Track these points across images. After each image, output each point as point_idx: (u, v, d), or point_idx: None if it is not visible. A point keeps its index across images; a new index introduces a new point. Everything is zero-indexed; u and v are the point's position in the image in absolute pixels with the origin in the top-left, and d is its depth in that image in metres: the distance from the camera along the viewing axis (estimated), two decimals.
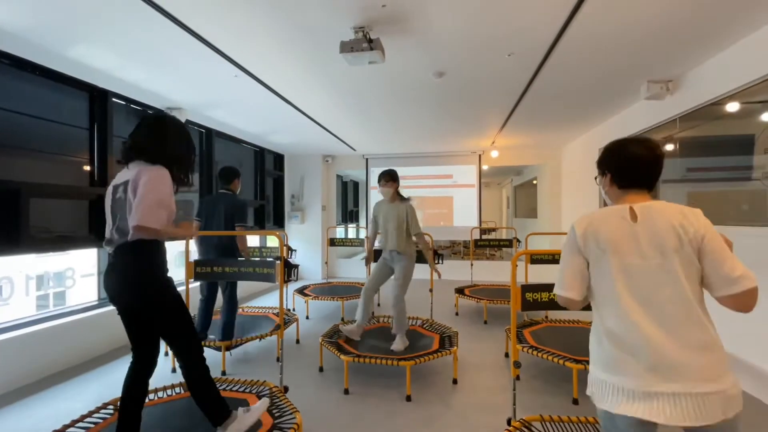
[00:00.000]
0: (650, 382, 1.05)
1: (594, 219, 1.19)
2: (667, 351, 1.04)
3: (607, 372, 1.12)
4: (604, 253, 1.14)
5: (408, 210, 3.19)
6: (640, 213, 1.14)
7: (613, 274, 1.12)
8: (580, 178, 6.11)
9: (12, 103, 3.00)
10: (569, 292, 1.19)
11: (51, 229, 3.29)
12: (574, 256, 1.20)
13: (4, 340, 2.77)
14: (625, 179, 1.21)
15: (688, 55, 3.04)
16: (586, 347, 2.82)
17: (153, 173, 1.59)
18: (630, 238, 1.12)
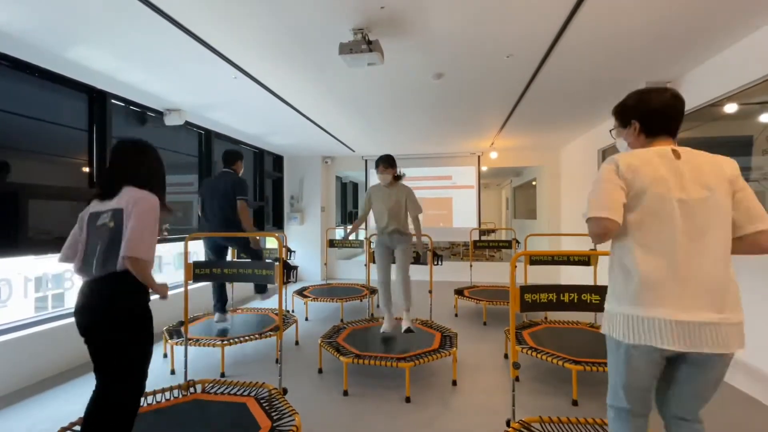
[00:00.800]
0: (681, 312, 1.08)
1: (635, 156, 1.19)
2: (703, 282, 1.09)
3: (634, 305, 1.14)
4: (650, 187, 1.14)
5: (408, 193, 3.32)
6: (682, 152, 1.17)
7: (660, 208, 1.13)
8: (580, 179, 6.12)
9: (11, 104, 2.99)
10: (612, 213, 1.14)
11: (50, 230, 3.29)
12: (615, 184, 1.17)
13: (3, 342, 2.76)
14: (656, 127, 1.23)
15: (687, 57, 3.04)
16: (586, 349, 2.83)
17: (145, 204, 1.55)
18: (675, 175, 1.14)
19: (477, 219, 7.38)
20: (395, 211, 3.28)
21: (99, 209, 1.61)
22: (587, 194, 1.25)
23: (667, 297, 1.10)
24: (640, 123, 1.25)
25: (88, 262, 1.56)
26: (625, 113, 1.30)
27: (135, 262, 1.48)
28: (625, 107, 1.31)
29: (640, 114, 1.25)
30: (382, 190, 3.37)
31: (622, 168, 1.17)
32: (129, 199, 1.55)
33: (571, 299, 1.96)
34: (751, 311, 1.15)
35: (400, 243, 3.30)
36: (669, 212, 1.12)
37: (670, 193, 1.13)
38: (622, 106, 1.32)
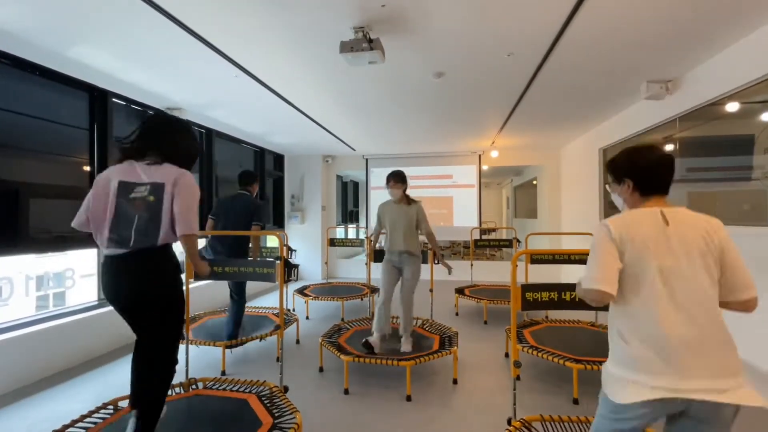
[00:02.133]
0: (678, 381, 1.09)
1: (628, 220, 1.21)
2: (697, 350, 1.10)
3: (632, 372, 1.14)
4: (641, 253, 1.16)
5: (419, 210, 3.20)
6: (670, 217, 1.19)
7: (652, 275, 1.15)
8: (580, 178, 6.11)
9: (12, 103, 3.00)
10: (607, 286, 1.16)
11: (50, 229, 3.29)
12: (610, 253, 1.19)
13: (4, 341, 2.77)
14: (649, 186, 1.26)
15: (688, 55, 3.04)
16: (587, 347, 2.83)
17: (189, 180, 1.61)
18: (663, 241, 1.16)
19: (478, 218, 7.37)
20: (407, 229, 3.16)
21: (131, 179, 1.59)
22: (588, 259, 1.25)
23: (661, 366, 1.11)
24: (633, 181, 1.28)
25: (121, 234, 1.53)
26: (618, 169, 1.33)
27: (189, 238, 1.56)
28: (618, 164, 1.34)
29: (632, 173, 1.29)
30: (392, 207, 3.25)
31: (614, 235, 1.20)
32: (169, 176, 1.57)
33: (572, 298, 1.96)
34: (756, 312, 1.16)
35: (409, 264, 3.15)
36: (656, 280, 1.14)
37: (659, 260, 1.15)
38: (615, 162, 1.35)
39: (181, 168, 1.66)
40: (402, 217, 3.17)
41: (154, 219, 1.54)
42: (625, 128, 4.55)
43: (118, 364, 3.25)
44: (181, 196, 1.57)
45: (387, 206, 3.31)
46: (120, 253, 1.55)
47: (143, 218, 1.54)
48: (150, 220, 1.54)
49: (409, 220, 3.16)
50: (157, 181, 1.57)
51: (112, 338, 3.57)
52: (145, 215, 1.54)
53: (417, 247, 3.18)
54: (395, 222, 3.19)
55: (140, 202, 1.55)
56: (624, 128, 4.59)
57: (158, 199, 1.55)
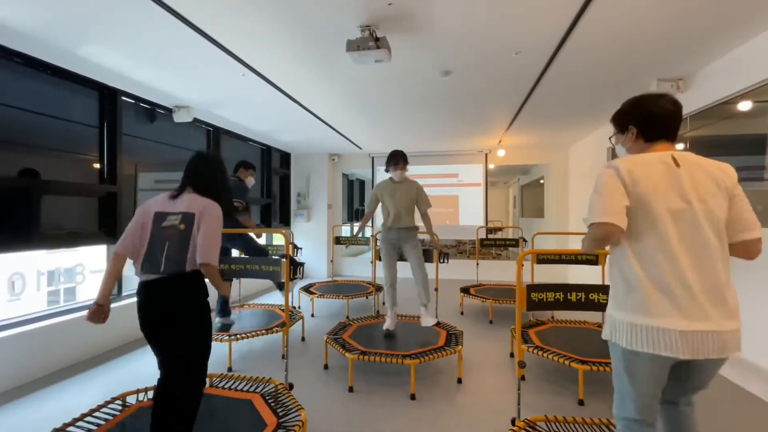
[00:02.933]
0: (686, 322, 1.10)
1: (636, 162, 1.18)
2: (704, 291, 1.11)
3: (639, 314, 1.14)
4: (651, 194, 1.14)
5: (418, 187, 3.34)
6: (681, 160, 1.17)
7: (659, 216, 1.13)
8: (589, 177, 6.05)
9: (25, 101, 3.04)
10: (616, 219, 1.12)
11: (61, 225, 3.34)
12: (617, 189, 1.16)
13: (17, 334, 2.82)
14: (654, 131, 1.23)
15: (699, 53, 2.99)
16: (593, 348, 2.81)
17: (215, 213, 1.68)
18: (674, 182, 1.14)
19: (484, 217, 7.34)
20: (407, 207, 3.28)
21: (165, 210, 1.69)
22: (588, 199, 1.24)
23: (669, 306, 1.11)
24: (637, 128, 1.25)
25: (153, 260, 1.61)
26: (622, 119, 1.31)
27: (209, 267, 1.60)
28: (621, 113, 1.32)
29: (636, 119, 1.26)
30: (391, 186, 3.36)
31: (623, 173, 1.16)
32: (199, 206, 1.67)
33: (578, 298, 1.95)
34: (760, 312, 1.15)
35: (408, 240, 3.30)
36: (666, 221, 1.12)
37: (668, 202, 1.13)
38: (619, 112, 1.34)
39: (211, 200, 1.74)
40: (404, 195, 3.27)
41: (184, 246, 1.61)
42: None
43: (126, 360, 3.30)
44: (204, 225, 1.63)
45: (386, 186, 3.39)
46: (151, 279, 1.62)
47: (173, 245, 1.62)
48: (179, 246, 1.61)
49: (411, 197, 3.29)
50: (189, 210, 1.66)
51: (122, 334, 3.62)
52: (175, 242, 1.62)
53: (415, 222, 3.35)
54: (397, 201, 3.27)
55: (171, 230, 1.64)
56: None
57: (188, 228, 1.63)
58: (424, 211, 3.33)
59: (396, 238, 3.33)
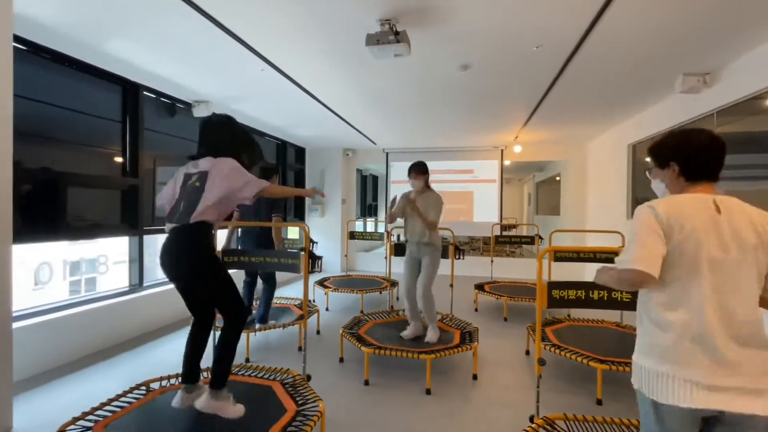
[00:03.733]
0: (715, 376, 1.05)
1: (677, 204, 1.13)
2: (736, 346, 1.06)
3: (667, 363, 1.10)
4: (688, 240, 1.09)
5: (435, 199, 3.18)
6: (722, 205, 1.12)
7: (698, 264, 1.08)
8: (607, 174, 5.93)
9: (51, 96, 3.13)
10: (650, 267, 1.08)
11: (86, 217, 3.44)
12: (655, 235, 1.11)
13: (43, 322, 2.93)
14: (697, 171, 1.18)
15: (728, 47, 2.89)
16: (611, 348, 2.76)
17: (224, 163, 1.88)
18: (715, 230, 1.09)
19: (498, 214, 7.27)
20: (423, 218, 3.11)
21: (191, 171, 1.94)
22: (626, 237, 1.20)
23: (700, 357, 1.07)
24: (679, 166, 1.19)
25: (174, 212, 1.88)
26: (663, 153, 1.24)
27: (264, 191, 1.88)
28: (663, 146, 1.25)
29: (679, 156, 1.19)
30: (413, 197, 3.23)
31: (662, 217, 1.11)
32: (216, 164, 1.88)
33: (600, 296, 1.92)
34: None
35: (427, 254, 3.16)
36: (704, 269, 1.08)
37: (707, 250, 1.08)
38: (659, 146, 1.26)
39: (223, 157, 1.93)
40: (421, 207, 3.15)
41: (195, 199, 1.83)
42: (658, 123, 4.38)
43: (149, 347, 3.39)
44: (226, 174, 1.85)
45: (407, 198, 3.25)
46: (168, 228, 1.88)
47: (190, 199, 1.85)
48: (194, 200, 1.83)
49: (424, 208, 3.13)
50: (204, 169, 1.89)
51: (144, 323, 3.72)
52: (192, 197, 1.85)
53: (435, 237, 3.16)
54: (413, 213, 3.17)
55: (191, 188, 1.88)
56: (656, 123, 4.42)
57: (202, 183, 1.85)
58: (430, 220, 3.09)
59: (416, 252, 3.23)
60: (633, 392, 1.31)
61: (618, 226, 4.81)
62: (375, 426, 2.23)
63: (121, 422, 1.87)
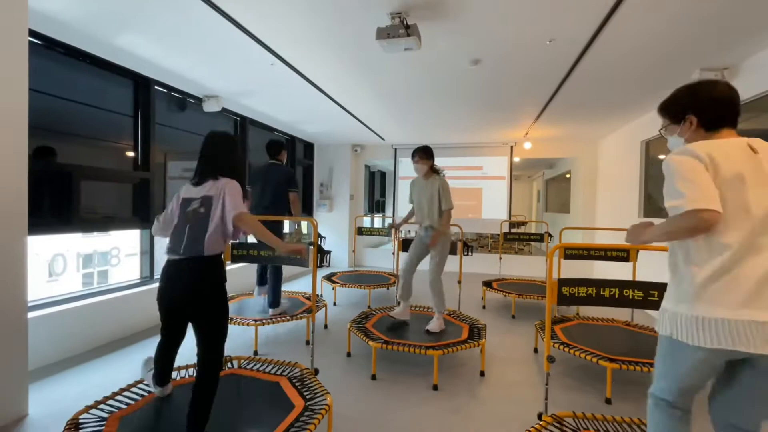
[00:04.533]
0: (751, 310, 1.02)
1: (713, 147, 1.09)
2: None
3: (707, 304, 1.06)
4: (733, 182, 1.05)
5: (441, 184, 3.17)
6: (757, 146, 1.09)
7: (742, 204, 1.05)
8: (619, 171, 5.84)
9: (65, 90, 3.17)
10: (713, 203, 1.02)
11: (97, 210, 3.49)
12: (704, 174, 1.05)
13: (59, 312, 2.99)
14: (716, 118, 1.14)
15: (747, 41, 2.81)
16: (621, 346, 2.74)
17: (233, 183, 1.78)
18: (755, 170, 1.06)
19: (507, 211, 7.22)
20: (429, 204, 3.19)
21: (191, 196, 1.80)
22: (666, 187, 1.12)
23: (742, 296, 1.03)
24: (696, 116, 1.16)
25: (176, 243, 1.73)
26: (676, 108, 1.21)
27: (241, 216, 1.69)
28: (675, 101, 1.22)
29: (695, 106, 1.16)
30: (419, 182, 3.32)
31: (704, 158, 1.07)
32: (216, 188, 1.75)
33: (611, 294, 1.89)
34: None
35: (437, 240, 3.17)
36: (747, 209, 1.05)
37: (751, 188, 1.05)
38: (671, 100, 1.23)
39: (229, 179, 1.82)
40: (426, 193, 3.20)
41: (203, 228, 1.70)
42: None
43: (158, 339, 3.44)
44: (226, 192, 1.73)
45: (415, 184, 3.36)
46: (173, 259, 1.72)
47: (194, 228, 1.71)
48: (200, 229, 1.70)
49: (432, 195, 3.16)
50: (207, 194, 1.76)
51: (154, 314, 3.76)
52: (196, 226, 1.71)
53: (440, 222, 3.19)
54: (420, 197, 3.24)
55: (193, 215, 1.74)
56: None
57: (207, 210, 1.72)
58: (445, 209, 3.17)
59: (425, 236, 3.26)
60: (643, 392, 1.30)
61: (629, 224, 4.73)
62: (382, 420, 2.24)
63: (134, 415, 1.89)
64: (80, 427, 1.75)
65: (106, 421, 1.80)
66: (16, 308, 2.16)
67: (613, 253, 3.61)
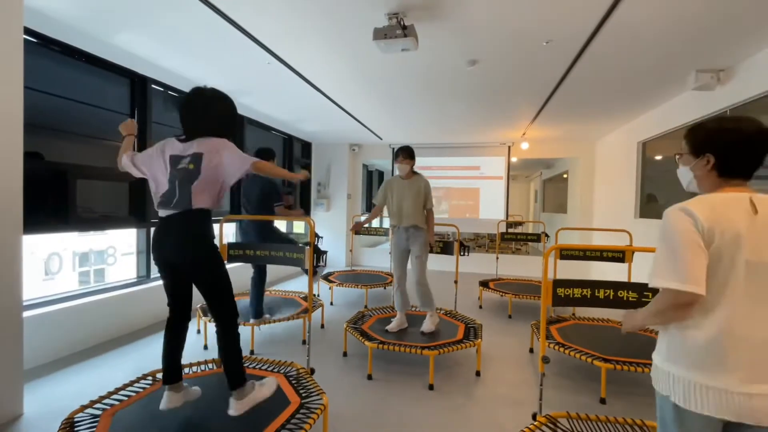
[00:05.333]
0: (749, 383, 1.00)
1: (715, 205, 1.04)
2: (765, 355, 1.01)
3: (695, 370, 1.05)
4: (731, 247, 1.01)
5: (426, 185, 3.22)
6: (759, 205, 1.03)
7: (732, 269, 1.02)
8: (616, 172, 5.86)
9: (62, 89, 3.16)
10: (696, 286, 0.99)
11: (94, 209, 3.48)
12: (696, 244, 1.01)
13: (55, 311, 2.98)
14: (733, 166, 1.07)
15: (743, 43, 2.83)
16: (616, 347, 2.75)
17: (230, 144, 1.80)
18: (750, 233, 1.02)
19: (505, 211, 7.23)
20: (414, 203, 3.15)
21: (179, 153, 1.79)
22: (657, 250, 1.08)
23: (727, 365, 1.02)
24: (716, 157, 1.08)
25: (168, 199, 1.75)
26: (699, 141, 1.13)
27: (256, 165, 1.74)
28: (701, 133, 1.13)
29: (718, 146, 1.09)
30: (400, 182, 3.25)
31: (702, 225, 1.02)
32: (207, 146, 1.76)
33: (606, 295, 1.90)
34: None
35: (416, 240, 3.16)
36: (737, 274, 1.02)
37: (742, 254, 1.02)
38: (698, 130, 1.14)
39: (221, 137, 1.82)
40: (409, 193, 3.18)
41: (192, 183, 1.73)
42: (669, 120, 4.31)
43: (155, 338, 3.44)
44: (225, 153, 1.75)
45: (394, 182, 3.30)
46: (165, 215, 1.77)
47: (184, 184, 1.74)
48: (188, 184, 1.73)
49: (417, 194, 3.17)
50: (197, 151, 1.76)
51: (151, 314, 3.77)
52: (186, 182, 1.74)
53: (423, 221, 3.21)
54: (402, 198, 3.19)
55: (183, 172, 1.76)
56: (667, 120, 4.35)
57: (197, 166, 1.74)
58: (428, 209, 3.21)
59: (405, 238, 3.22)
60: (637, 392, 1.31)
61: (626, 225, 4.76)
62: (377, 420, 2.25)
63: (127, 411, 1.90)
64: (75, 426, 1.75)
65: (99, 418, 1.80)
66: (12, 307, 2.15)
67: (609, 254, 3.62)
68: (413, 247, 3.20)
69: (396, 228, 3.27)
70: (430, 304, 3.17)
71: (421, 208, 3.20)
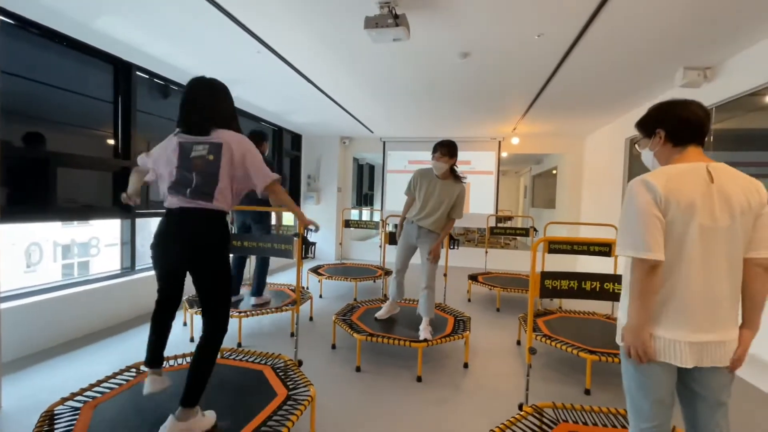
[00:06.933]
0: (700, 332, 1.14)
1: (672, 176, 1.15)
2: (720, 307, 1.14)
3: (656, 325, 1.17)
4: (686, 214, 1.12)
5: (460, 193, 2.92)
6: (715, 173, 1.14)
7: (688, 233, 1.12)
8: (604, 168, 5.93)
9: (41, 74, 3.05)
10: (656, 252, 1.10)
11: (76, 199, 3.39)
12: (653, 213, 1.12)
13: (36, 302, 2.90)
14: (683, 135, 1.20)
15: (730, 41, 2.87)
16: (601, 339, 2.80)
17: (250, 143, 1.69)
18: (706, 199, 1.12)
19: (494, 205, 7.28)
20: (438, 206, 2.91)
21: (190, 140, 1.64)
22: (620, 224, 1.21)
23: (682, 318, 1.14)
24: (665, 131, 1.22)
25: (181, 189, 1.60)
26: (648, 123, 1.28)
27: (275, 185, 1.67)
28: (648, 117, 1.29)
29: (664, 122, 1.23)
30: (433, 180, 2.95)
31: (660, 196, 1.12)
32: (226, 136, 1.63)
33: (592, 287, 1.93)
34: None
35: (427, 241, 2.97)
36: (691, 237, 1.12)
37: (697, 219, 1.12)
38: (645, 116, 1.31)
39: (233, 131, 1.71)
40: (441, 194, 2.90)
41: (213, 176, 1.59)
42: None
43: (139, 331, 3.38)
44: (247, 155, 1.64)
45: (426, 177, 2.98)
46: (177, 207, 1.60)
47: (201, 176, 1.59)
48: (209, 177, 1.59)
49: (448, 200, 2.89)
50: (216, 141, 1.62)
51: (135, 305, 3.70)
52: (203, 173, 1.59)
53: (441, 228, 2.99)
54: (431, 196, 2.92)
55: (200, 161, 1.60)
56: None
57: (217, 158, 1.60)
58: (456, 217, 2.98)
59: (415, 236, 3.02)
60: (621, 382, 1.33)
61: (613, 220, 4.82)
62: (365, 412, 2.25)
63: (109, 403, 1.86)
64: (55, 419, 1.71)
65: (80, 411, 1.76)
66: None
67: (595, 247, 3.67)
68: (422, 248, 3.02)
69: (410, 222, 3.05)
70: (432, 311, 3.00)
71: (446, 216, 2.95)
